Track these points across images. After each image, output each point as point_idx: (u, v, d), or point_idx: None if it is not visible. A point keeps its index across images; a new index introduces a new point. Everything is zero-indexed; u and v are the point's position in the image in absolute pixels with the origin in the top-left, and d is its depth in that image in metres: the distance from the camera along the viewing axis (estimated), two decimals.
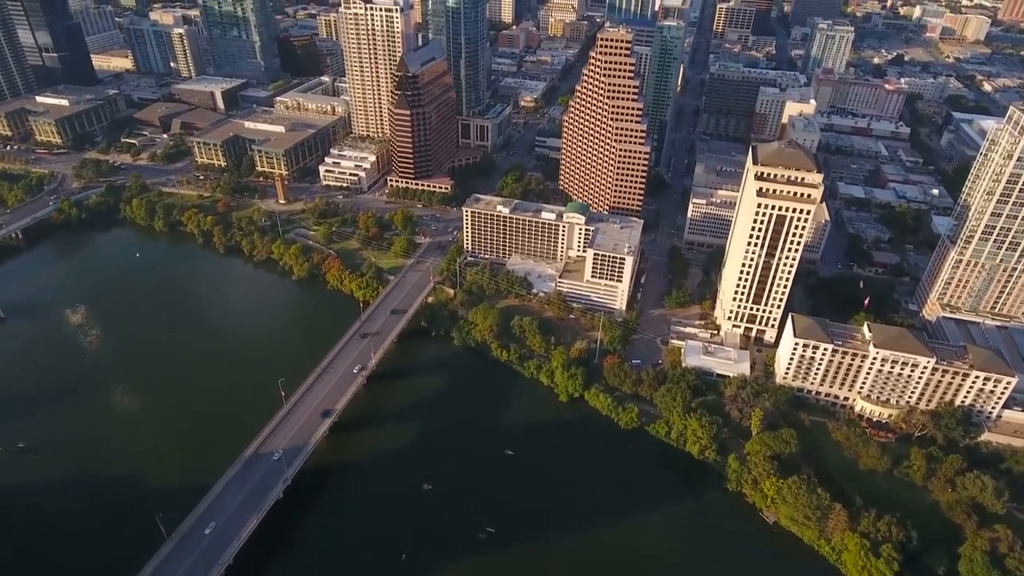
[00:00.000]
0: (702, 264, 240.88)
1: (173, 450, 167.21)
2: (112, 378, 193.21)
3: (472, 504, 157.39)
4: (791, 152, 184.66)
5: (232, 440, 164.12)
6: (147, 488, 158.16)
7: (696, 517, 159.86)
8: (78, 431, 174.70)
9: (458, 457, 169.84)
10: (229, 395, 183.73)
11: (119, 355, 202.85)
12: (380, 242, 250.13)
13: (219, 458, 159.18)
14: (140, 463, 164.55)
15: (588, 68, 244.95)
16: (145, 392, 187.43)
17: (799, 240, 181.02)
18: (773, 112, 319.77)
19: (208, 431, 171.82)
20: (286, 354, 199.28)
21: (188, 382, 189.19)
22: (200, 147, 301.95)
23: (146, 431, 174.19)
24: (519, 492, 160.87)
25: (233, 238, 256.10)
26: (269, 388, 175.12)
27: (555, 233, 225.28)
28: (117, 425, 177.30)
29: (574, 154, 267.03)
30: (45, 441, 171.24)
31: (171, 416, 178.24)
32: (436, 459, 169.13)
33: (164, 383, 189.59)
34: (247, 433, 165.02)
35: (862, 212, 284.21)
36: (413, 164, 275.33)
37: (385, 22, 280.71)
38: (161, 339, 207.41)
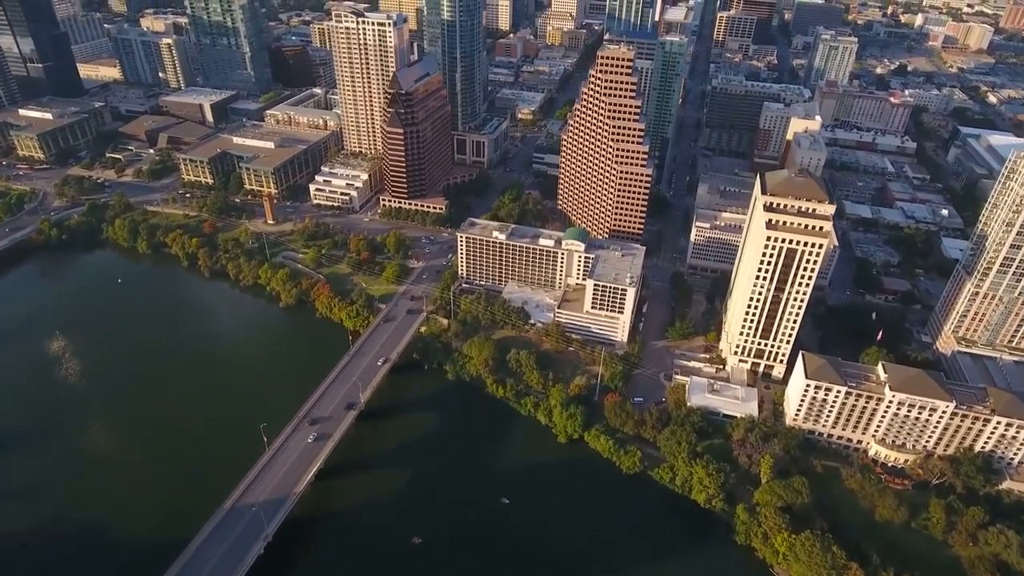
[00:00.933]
0: (706, 291, 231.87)
1: (149, 501, 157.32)
2: (87, 415, 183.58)
3: (464, 560, 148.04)
4: (802, 182, 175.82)
5: (212, 488, 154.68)
6: (120, 543, 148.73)
7: (703, 573, 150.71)
8: (48, 475, 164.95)
9: (451, 506, 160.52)
10: (210, 437, 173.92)
11: (96, 389, 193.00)
12: (371, 266, 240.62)
13: (198, 509, 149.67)
14: (114, 514, 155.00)
15: (588, 86, 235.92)
16: (122, 432, 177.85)
17: (811, 274, 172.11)
18: (777, 128, 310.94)
19: (187, 478, 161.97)
20: (271, 390, 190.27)
21: (168, 422, 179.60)
22: (186, 164, 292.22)
23: (121, 477, 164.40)
24: (515, 547, 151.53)
25: (219, 261, 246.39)
26: (252, 429, 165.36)
27: (553, 260, 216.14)
28: (90, 470, 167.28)
29: (573, 174, 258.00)
30: (10, 486, 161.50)
31: (148, 460, 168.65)
32: (427, 508, 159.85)
33: (142, 422, 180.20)
34: (228, 481, 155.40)
35: (870, 233, 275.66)
36: (406, 184, 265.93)
37: (377, 36, 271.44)
38: (140, 373, 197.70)
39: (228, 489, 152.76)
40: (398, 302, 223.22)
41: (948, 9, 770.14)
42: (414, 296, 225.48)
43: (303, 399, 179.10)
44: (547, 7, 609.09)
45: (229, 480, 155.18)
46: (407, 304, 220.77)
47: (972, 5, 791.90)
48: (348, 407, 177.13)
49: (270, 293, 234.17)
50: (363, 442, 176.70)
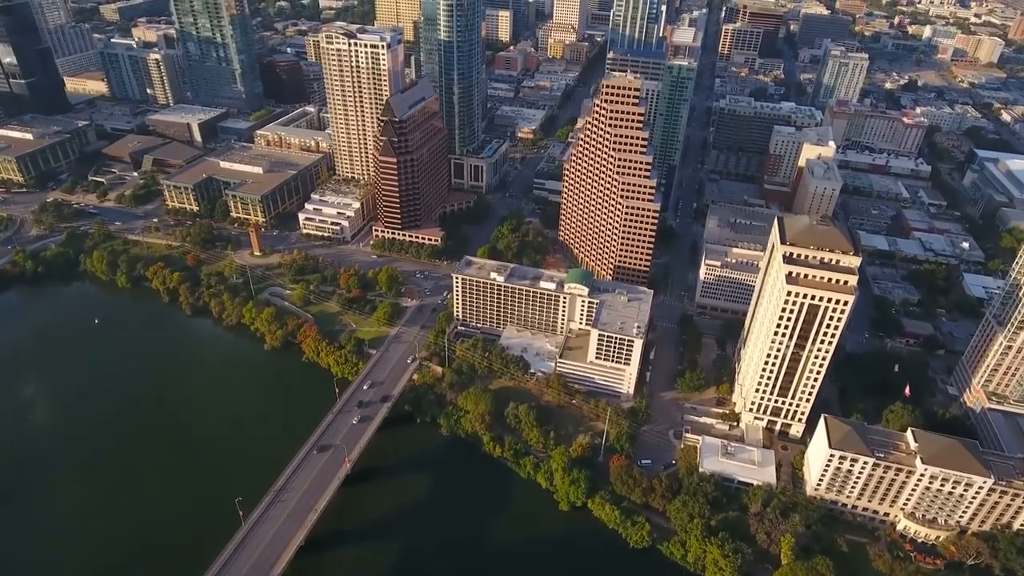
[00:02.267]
0: (716, 335, 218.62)
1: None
2: (52, 474, 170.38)
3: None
4: (825, 230, 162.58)
5: (179, 572, 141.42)
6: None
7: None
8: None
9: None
10: (182, 505, 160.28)
11: (60, 444, 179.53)
12: (362, 304, 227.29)
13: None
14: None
15: (592, 116, 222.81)
16: (85, 497, 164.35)
17: (834, 331, 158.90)
18: (789, 153, 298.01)
19: (152, 558, 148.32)
20: (251, 451, 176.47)
21: (136, 487, 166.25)
22: (170, 190, 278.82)
23: (79, 554, 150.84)
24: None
25: (201, 298, 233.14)
26: (228, 497, 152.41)
27: (555, 304, 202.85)
28: (44, 545, 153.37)
29: (576, 206, 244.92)
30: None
31: (111, 535, 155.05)
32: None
33: (108, 485, 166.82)
34: (198, 562, 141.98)
35: (887, 268, 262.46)
36: (400, 214, 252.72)
37: (370, 59, 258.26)
38: (111, 425, 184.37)
39: (197, 573, 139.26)
40: (389, 346, 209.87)
41: (955, 19, 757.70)
42: (407, 339, 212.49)
43: (285, 463, 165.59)
44: (548, 18, 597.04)
45: (199, 561, 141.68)
46: (398, 350, 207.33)
47: (979, 15, 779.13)
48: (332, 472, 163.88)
49: (255, 332, 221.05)
50: (349, 510, 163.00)
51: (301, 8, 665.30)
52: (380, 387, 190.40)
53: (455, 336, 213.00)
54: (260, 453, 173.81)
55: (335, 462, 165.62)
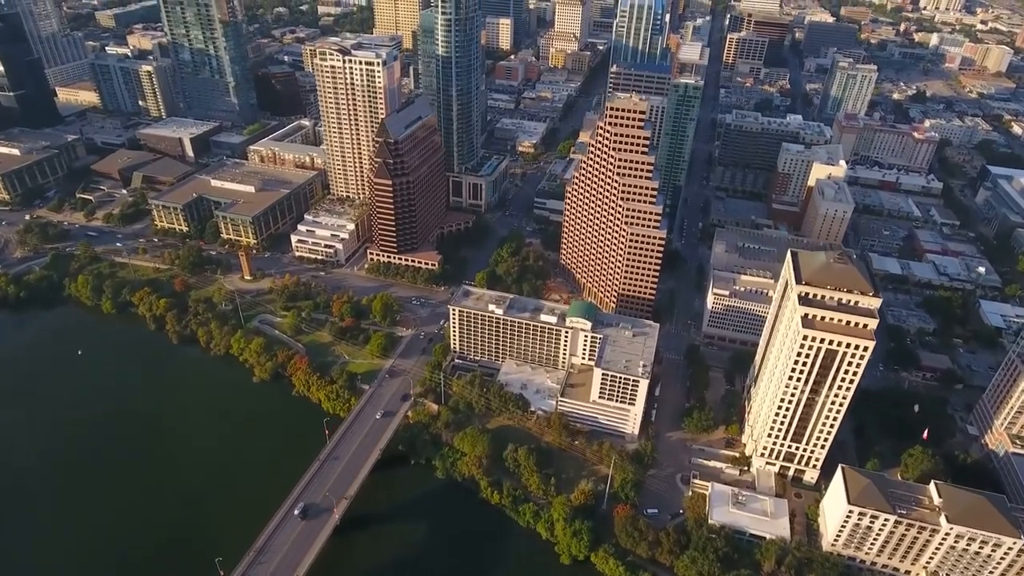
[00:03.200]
0: (725, 368, 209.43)
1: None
2: (15, 518, 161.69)
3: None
4: (842, 269, 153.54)
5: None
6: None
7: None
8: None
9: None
10: (157, 563, 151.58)
11: (28, 484, 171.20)
12: (355, 334, 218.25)
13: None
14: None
15: (596, 139, 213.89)
16: (50, 547, 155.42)
17: (853, 377, 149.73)
18: (798, 172, 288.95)
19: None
20: (235, 499, 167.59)
21: (107, 538, 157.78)
22: (159, 210, 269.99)
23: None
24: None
25: (188, 326, 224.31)
26: (208, 555, 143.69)
27: (556, 338, 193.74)
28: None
29: (578, 231, 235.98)
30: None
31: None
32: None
33: (77, 534, 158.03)
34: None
35: (900, 294, 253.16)
36: (396, 238, 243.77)
37: (365, 76, 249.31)
38: (85, 465, 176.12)
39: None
40: (383, 381, 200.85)
41: (961, 26, 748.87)
42: (400, 371, 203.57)
43: (270, 513, 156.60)
44: (549, 25, 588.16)
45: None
46: (392, 385, 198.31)
47: (986, 22, 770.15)
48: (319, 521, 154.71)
49: (243, 363, 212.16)
50: (337, 564, 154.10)
51: (300, 15, 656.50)
52: (371, 430, 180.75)
53: (452, 370, 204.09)
54: (244, 504, 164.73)
55: (321, 519, 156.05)
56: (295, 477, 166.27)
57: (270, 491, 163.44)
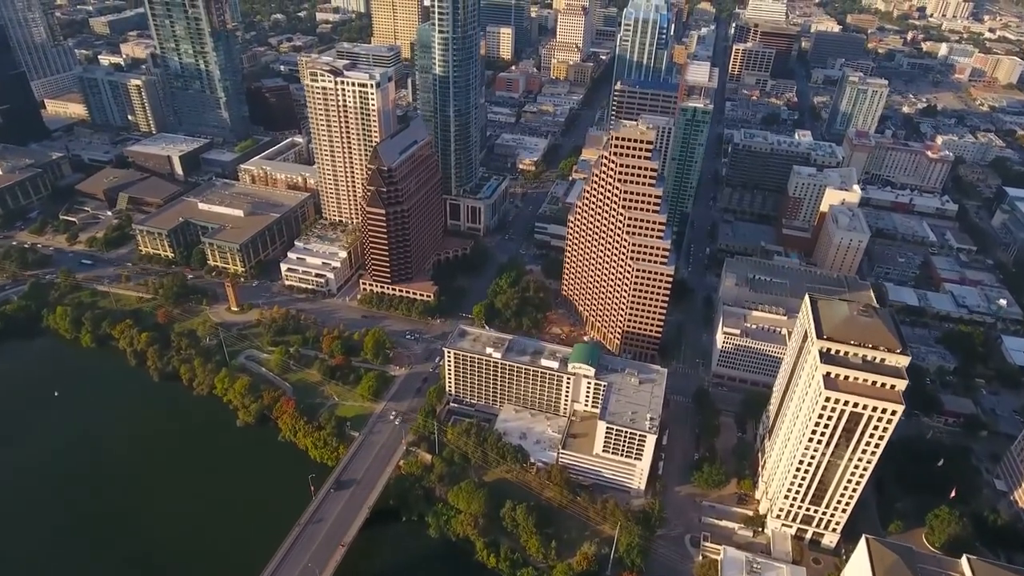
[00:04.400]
0: (736, 412, 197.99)
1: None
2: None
3: None
4: (867, 323, 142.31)
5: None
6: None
7: None
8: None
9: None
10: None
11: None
12: (346, 373, 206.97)
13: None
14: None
15: (600, 169, 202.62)
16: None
17: (879, 441, 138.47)
18: (809, 197, 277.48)
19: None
20: (211, 564, 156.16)
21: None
22: (143, 236, 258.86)
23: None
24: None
25: (170, 363, 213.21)
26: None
27: (558, 384, 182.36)
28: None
29: (580, 263, 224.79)
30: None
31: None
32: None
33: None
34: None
35: (918, 328, 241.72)
36: (389, 268, 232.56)
37: (358, 98, 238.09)
38: (51, 523, 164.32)
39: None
40: (374, 426, 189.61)
41: (969, 34, 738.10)
42: (393, 413, 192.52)
43: None
44: (551, 33, 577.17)
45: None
46: (384, 431, 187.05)
47: (994, 30, 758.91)
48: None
49: (227, 404, 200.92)
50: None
51: (298, 21, 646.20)
52: (358, 486, 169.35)
53: (447, 414, 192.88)
54: (229, 546, 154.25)
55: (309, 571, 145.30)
56: (278, 538, 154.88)
57: (250, 554, 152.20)
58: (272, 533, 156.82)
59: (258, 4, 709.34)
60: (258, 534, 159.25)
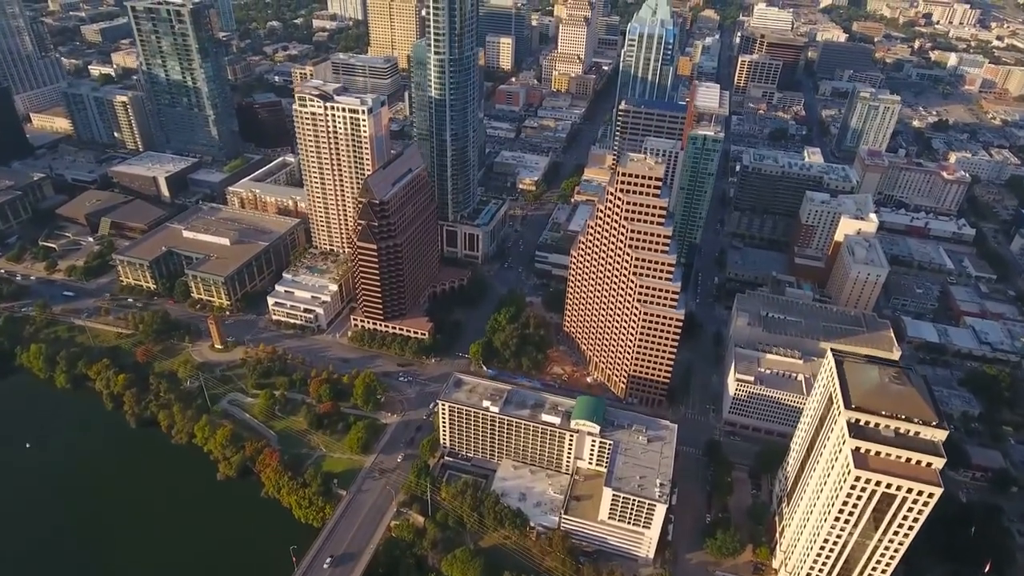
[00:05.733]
0: (750, 466, 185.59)
1: None
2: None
3: None
4: (900, 391, 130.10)
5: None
6: None
7: None
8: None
9: None
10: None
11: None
12: (334, 421, 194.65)
13: None
14: None
15: (606, 205, 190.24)
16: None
17: (912, 524, 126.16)
18: (823, 224, 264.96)
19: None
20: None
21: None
22: (124, 266, 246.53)
23: None
24: None
25: (148, 407, 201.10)
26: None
27: (560, 441, 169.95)
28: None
29: (584, 300, 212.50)
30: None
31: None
32: None
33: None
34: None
35: (939, 368, 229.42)
36: (382, 305, 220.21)
37: (349, 125, 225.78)
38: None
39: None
40: (363, 483, 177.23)
41: (977, 42, 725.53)
42: (382, 470, 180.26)
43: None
44: (552, 41, 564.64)
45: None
46: (373, 490, 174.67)
47: (1002, 38, 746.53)
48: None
49: (208, 455, 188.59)
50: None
51: (294, 29, 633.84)
52: (345, 558, 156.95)
53: (441, 468, 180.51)
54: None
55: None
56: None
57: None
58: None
59: (254, 10, 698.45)
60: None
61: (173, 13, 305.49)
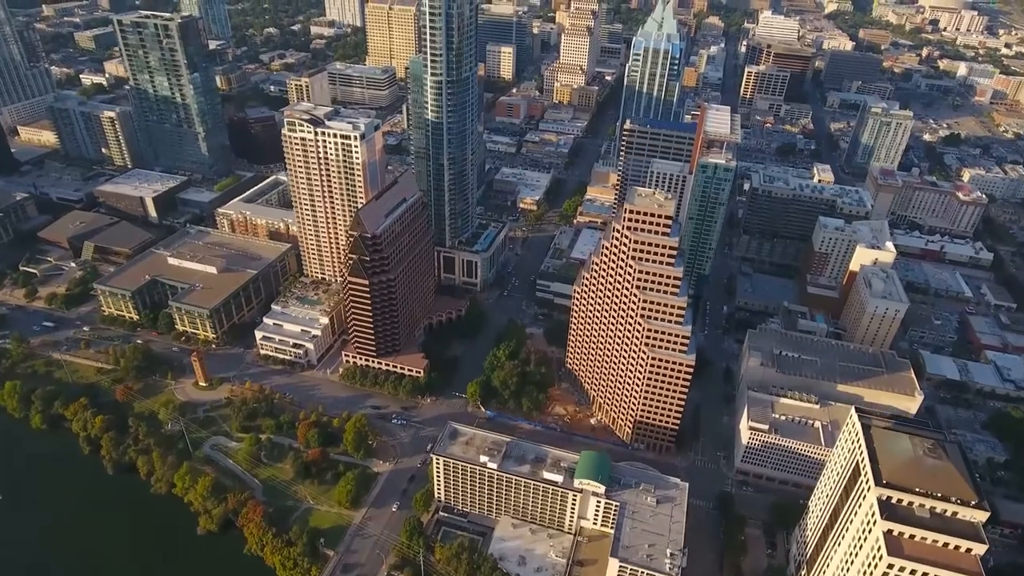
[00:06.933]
0: (764, 521, 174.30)
1: None
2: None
3: None
4: (935, 466, 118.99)
5: None
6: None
7: None
8: None
9: None
10: None
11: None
12: (323, 470, 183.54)
13: None
14: None
15: (612, 243, 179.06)
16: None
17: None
18: (837, 252, 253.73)
19: None
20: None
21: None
22: (106, 296, 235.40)
23: None
24: None
25: (127, 453, 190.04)
26: None
27: (563, 500, 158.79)
28: None
29: (588, 339, 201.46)
30: None
31: None
32: None
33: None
34: None
35: (960, 408, 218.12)
36: (374, 341, 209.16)
37: (341, 151, 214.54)
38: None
39: None
40: (352, 542, 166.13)
41: (985, 49, 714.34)
42: (375, 526, 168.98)
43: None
44: (554, 49, 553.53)
45: None
46: (363, 550, 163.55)
47: (1010, 45, 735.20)
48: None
49: (188, 506, 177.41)
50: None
51: (291, 36, 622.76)
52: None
53: (435, 524, 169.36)
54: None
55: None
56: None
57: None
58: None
59: (251, 16, 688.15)
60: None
61: (161, 27, 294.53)
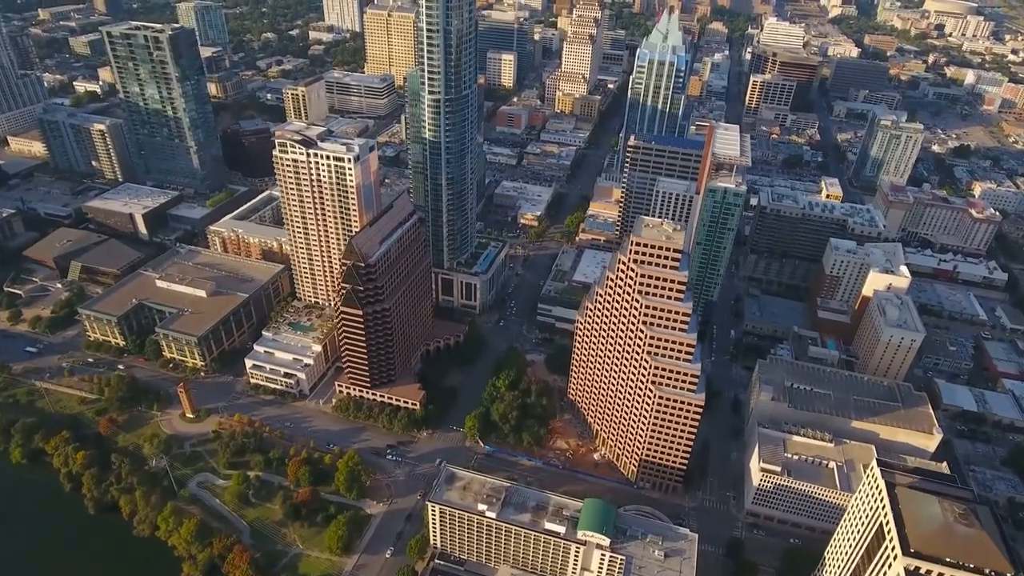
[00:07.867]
0: (776, 568, 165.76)
1: None
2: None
3: None
4: (967, 534, 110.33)
5: None
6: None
7: None
8: None
9: None
10: None
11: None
12: (313, 511, 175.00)
13: None
14: None
15: (617, 275, 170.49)
16: None
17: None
18: (849, 275, 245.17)
19: None
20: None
21: None
22: (91, 321, 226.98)
23: None
24: None
25: (109, 491, 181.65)
26: None
27: (565, 552, 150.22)
28: None
29: (592, 372, 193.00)
30: None
31: None
32: None
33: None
34: None
35: (979, 443, 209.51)
36: (369, 372, 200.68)
37: (334, 173, 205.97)
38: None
39: None
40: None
41: (991, 55, 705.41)
42: None
43: None
44: (556, 56, 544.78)
45: None
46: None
47: (1017, 51, 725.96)
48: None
49: (172, 550, 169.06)
50: None
51: (289, 41, 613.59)
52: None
53: (431, 574, 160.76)
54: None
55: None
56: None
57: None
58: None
59: (249, 20, 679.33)
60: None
61: (151, 39, 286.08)
